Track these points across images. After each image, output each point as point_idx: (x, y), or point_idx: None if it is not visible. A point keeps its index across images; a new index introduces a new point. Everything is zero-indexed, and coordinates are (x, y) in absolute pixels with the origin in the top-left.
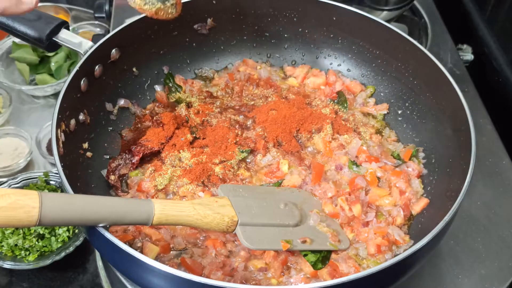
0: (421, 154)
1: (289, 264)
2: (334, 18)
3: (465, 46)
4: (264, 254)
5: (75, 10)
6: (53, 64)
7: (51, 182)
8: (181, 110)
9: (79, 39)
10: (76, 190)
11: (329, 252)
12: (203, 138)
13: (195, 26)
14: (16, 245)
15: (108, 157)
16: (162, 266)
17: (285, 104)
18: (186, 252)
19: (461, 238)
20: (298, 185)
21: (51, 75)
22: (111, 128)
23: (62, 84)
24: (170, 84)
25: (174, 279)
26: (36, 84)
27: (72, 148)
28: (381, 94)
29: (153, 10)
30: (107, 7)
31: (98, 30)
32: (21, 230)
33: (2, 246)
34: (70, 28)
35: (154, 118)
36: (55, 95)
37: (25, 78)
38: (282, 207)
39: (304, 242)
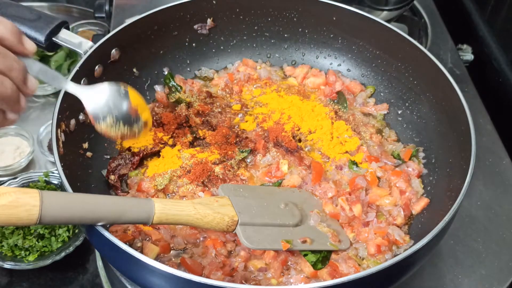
0: (421, 154)
1: (289, 264)
2: (334, 18)
3: (465, 46)
4: (264, 254)
5: (75, 9)
6: (53, 63)
7: (51, 182)
8: (181, 110)
9: (79, 39)
10: (76, 190)
11: (329, 252)
12: (203, 138)
13: (195, 26)
14: (16, 245)
15: (108, 157)
16: (162, 266)
17: (285, 103)
18: (186, 252)
19: (461, 238)
20: (298, 185)
21: None
22: None
23: None
24: (170, 84)
25: (174, 279)
26: None
27: (72, 148)
28: (381, 94)
29: (119, 135)
30: (107, 7)
31: (98, 30)
32: (21, 230)
33: (2, 246)
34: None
35: (154, 118)
36: (55, 94)
37: None
38: (282, 207)
39: (304, 242)
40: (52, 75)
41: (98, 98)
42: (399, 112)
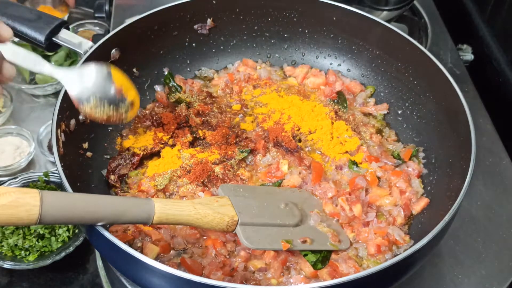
0: (421, 154)
1: (289, 264)
2: (334, 18)
3: (465, 46)
4: (264, 254)
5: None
6: (53, 63)
7: (51, 182)
8: (181, 110)
9: (79, 39)
10: (76, 190)
11: (329, 252)
12: (203, 138)
13: (195, 26)
14: (16, 245)
15: (108, 157)
16: (162, 266)
17: (285, 103)
18: (186, 252)
19: (461, 238)
20: (298, 185)
21: None
22: (111, 128)
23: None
24: (170, 84)
25: (174, 279)
26: (36, 83)
27: (72, 148)
28: (381, 94)
29: (104, 117)
30: (107, 7)
31: (98, 30)
32: (21, 230)
33: (2, 246)
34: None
35: (154, 118)
36: (55, 94)
37: (25, 77)
38: (282, 207)
39: (304, 242)
40: (30, 59)
41: (80, 80)
42: (399, 112)
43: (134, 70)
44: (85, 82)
